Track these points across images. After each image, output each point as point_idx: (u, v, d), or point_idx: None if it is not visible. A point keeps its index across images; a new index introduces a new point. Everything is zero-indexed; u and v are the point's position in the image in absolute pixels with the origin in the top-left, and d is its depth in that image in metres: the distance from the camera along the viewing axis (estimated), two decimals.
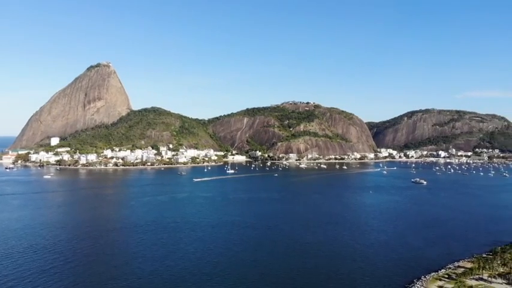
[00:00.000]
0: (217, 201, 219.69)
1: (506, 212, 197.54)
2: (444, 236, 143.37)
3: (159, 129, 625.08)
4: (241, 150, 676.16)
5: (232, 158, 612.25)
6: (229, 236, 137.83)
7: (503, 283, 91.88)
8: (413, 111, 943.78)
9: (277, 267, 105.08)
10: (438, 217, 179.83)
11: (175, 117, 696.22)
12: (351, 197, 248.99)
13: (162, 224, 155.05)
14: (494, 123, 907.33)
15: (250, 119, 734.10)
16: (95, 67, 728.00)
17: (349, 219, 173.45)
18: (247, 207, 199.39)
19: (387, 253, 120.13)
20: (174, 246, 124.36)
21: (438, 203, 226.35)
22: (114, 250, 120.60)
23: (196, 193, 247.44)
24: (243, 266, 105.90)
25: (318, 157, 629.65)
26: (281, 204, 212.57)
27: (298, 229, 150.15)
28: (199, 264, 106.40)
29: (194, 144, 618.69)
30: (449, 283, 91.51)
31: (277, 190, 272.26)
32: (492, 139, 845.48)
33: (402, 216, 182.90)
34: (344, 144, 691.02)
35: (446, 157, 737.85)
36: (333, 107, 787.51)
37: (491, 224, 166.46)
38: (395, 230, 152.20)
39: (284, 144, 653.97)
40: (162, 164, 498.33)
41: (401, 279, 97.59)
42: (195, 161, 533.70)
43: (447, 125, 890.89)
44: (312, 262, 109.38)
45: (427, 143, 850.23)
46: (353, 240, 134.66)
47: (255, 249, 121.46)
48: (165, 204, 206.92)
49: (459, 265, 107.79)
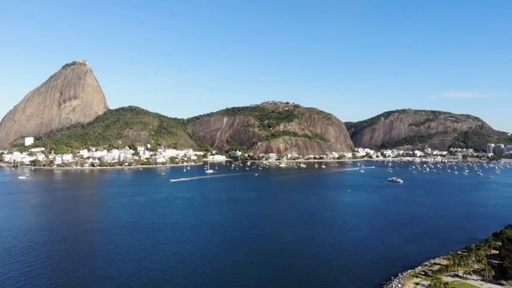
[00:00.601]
0: (197, 201, 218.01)
1: (480, 209, 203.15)
2: (420, 233, 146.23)
3: (137, 129, 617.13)
4: (221, 150, 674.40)
5: (212, 157, 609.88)
6: (209, 237, 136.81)
7: (478, 279, 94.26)
8: (390, 111, 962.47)
9: (258, 267, 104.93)
10: (414, 215, 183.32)
11: (154, 117, 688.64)
12: (330, 195, 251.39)
13: (140, 226, 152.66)
14: (469, 123, 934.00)
15: (230, 119, 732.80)
16: (70, 65, 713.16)
17: (328, 217, 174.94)
18: (227, 208, 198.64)
19: (365, 251, 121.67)
20: (152, 247, 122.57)
21: (414, 201, 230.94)
22: (91, 252, 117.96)
23: (175, 194, 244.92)
24: (223, 267, 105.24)
25: (298, 157, 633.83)
26: (261, 203, 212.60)
27: (278, 228, 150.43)
28: (178, 266, 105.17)
29: (173, 144, 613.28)
30: (425, 280, 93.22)
31: (258, 190, 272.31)
32: (466, 139, 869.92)
33: (380, 214, 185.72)
34: (323, 144, 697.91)
35: (422, 156, 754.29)
36: (311, 107, 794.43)
37: (466, 221, 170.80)
38: (373, 228, 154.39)
39: (264, 144, 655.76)
40: (139, 164, 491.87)
41: (379, 277, 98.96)
42: (174, 161, 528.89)
43: (423, 125, 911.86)
44: (292, 261, 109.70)
45: (403, 143, 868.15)
46: (332, 239, 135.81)
47: (235, 250, 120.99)
48: (143, 205, 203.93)
49: (435, 262, 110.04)
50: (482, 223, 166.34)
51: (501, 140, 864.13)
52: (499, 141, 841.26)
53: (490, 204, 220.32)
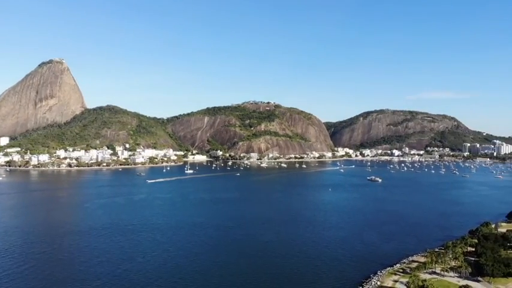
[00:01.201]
0: (177, 202, 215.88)
1: (456, 207, 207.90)
2: (399, 231, 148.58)
3: (115, 129, 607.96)
4: (202, 149, 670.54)
5: (193, 157, 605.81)
6: (189, 238, 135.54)
7: (455, 276, 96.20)
8: (369, 111, 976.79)
9: (239, 267, 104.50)
10: (393, 213, 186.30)
11: (132, 116, 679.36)
12: (310, 195, 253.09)
13: (119, 227, 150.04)
14: (445, 123, 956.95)
15: (211, 118, 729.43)
16: (47, 63, 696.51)
17: (309, 216, 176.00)
18: (208, 208, 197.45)
19: (346, 249, 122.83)
20: (132, 249, 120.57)
21: (393, 199, 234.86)
22: (69, 255, 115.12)
23: (155, 194, 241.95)
24: (204, 267, 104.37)
25: (279, 156, 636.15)
26: (243, 203, 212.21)
27: (259, 228, 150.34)
28: (158, 268, 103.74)
29: (152, 144, 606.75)
30: (404, 277, 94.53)
31: (239, 189, 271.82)
32: (443, 138, 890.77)
33: (359, 213, 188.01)
34: (303, 144, 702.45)
35: (400, 156, 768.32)
36: (292, 107, 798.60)
37: (443, 219, 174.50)
38: (353, 227, 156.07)
39: (245, 143, 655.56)
40: (118, 164, 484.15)
41: (358, 275, 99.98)
42: (153, 161, 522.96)
43: (401, 125, 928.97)
44: (274, 261, 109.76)
45: (381, 142, 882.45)
46: (313, 238, 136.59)
47: (216, 250, 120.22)
48: (122, 206, 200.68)
49: (413, 259, 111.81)
50: (458, 221, 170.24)
51: (476, 139, 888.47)
52: (474, 141, 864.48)
53: (465, 202, 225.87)
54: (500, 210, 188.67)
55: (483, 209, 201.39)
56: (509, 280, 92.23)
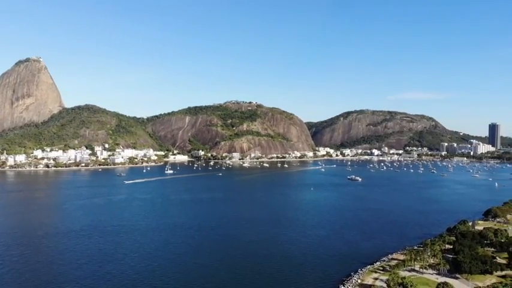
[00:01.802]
0: (158, 202, 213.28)
1: (434, 206, 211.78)
2: (379, 229, 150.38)
3: (94, 128, 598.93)
4: (183, 149, 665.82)
5: (174, 157, 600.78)
6: (170, 238, 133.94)
7: (434, 273, 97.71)
8: (349, 111, 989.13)
9: (220, 268, 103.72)
10: (373, 212, 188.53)
11: (111, 116, 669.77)
12: (292, 194, 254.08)
13: (98, 228, 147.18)
14: (423, 123, 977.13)
15: (192, 118, 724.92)
16: (24, 62, 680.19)
17: (291, 216, 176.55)
18: (189, 208, 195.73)
19: (327, 248, 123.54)
20: (111, 250, 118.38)
21: (372, 198, 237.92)
22: (46, 257, 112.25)
23: (134, 195, 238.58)
24: (185, 268, 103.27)
25: (261, 156, 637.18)
26: (225, 203, 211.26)
27: (242, 228, 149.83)
28: (138, 269, 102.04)
29: (132, 144, 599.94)
30: (384, 275, 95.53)
31: (221, 190, 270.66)
32: (421, 138, 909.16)
33: (340, 212, 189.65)
34: (285, 144, 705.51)
35: (380, 155, 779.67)
36: (274, 107, 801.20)
37: (422, 217, 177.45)
38: (334, 226, 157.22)
39: (227, 143, 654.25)
40: (97, 164, 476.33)
41: (339, 273, 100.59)
42: (133, 161, 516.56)
43: (380, 125, 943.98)
44: (256, 261, 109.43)
45: (361, 142, 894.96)
46: (295, 237, 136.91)
47: (197, 251, 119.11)
48: (102, 207, 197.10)
49: (393, 257, 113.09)
50: (437, 219, 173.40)
51: (453, 139, 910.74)
52: (451, 141, 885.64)
53: (443, 201, 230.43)
54: (477, 208, 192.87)
55: (460, 207, 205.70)
56: (487, 277, 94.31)
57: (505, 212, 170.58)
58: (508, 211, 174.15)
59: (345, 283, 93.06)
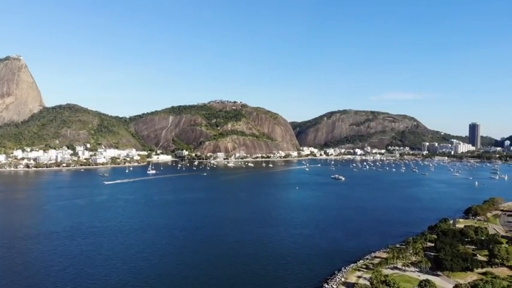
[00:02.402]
0: (141, 203, 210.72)
1: (416, 204, 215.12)
2: (362, 228, 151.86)
3: (75, 128, 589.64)
4: (166, 149, 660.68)
5: (157, 157, 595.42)
6: (154, 239, 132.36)
7: (416, 271, 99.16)
8: (333, 111, 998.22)
9: (204, 269, 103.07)
10: (356, 211, 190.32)
11: (93, 115, 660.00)
12: (277, 194, 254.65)
13: (80, 230, 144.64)
14: (405, 123, 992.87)
15: (176, 118, 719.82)
16: (3, 60, 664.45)
17: (275, 215, 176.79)
18: (173, 209, 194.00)
19: (311, 247, 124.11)
20: (94, 252, 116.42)
21: (356, 197, 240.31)
22: (28, 260, 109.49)
23: (117, 195, 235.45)
24: (168, 270, 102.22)
25: (246, 156, 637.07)
26: (209, 203, 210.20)
27: (226, 228, 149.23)
28: (121, 271, 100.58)
29: (114, 144, 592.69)
30: (367, 273, 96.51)
31: (205, 190, 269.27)
32: (403, 138, 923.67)
33: (324, 210, 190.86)
34: (270, 143, 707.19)
35: (362, 154, 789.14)
36: (259, 107, 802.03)
37: (404, 216, 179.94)
38: (318, 224, 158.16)
39: (212, 143, 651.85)
40: (78, 165, 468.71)
41: (323, 272, 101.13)
42: (116, 161, 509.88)
43: (363, 125, 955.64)
44: (240, 261, 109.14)
45: (344, 142, 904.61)
46: (279, 237, 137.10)
47: (181, 252, 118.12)
48: (83, 208, 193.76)
49: (376, 256, 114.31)
50: (418, 217, 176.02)
51: (435, 138, 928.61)
52: (433, 140, 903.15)
53: (425, 199, 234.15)
54: (457, 207, 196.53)
55: (442, 205, 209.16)
56: (468, 274, 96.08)
57: (485, 210, 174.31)
58: (488, 209, 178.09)
59: (329, 282, 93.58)
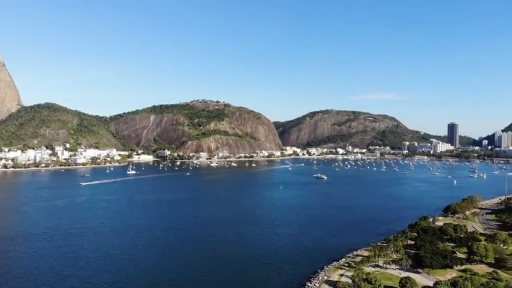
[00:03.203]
0: (122, 204, 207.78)
1: (397, 202, 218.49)
2: (344, 227, 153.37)
3: (54, 128, 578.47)
4: (148, 149, 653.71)
5: (138, 158, 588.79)
6: (135, 241, 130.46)
7: (397, 268, 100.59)
8: (315, 111, 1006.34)
9: (187, 270, 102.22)
10: (338, 209, 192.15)
11: (73, 114, 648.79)
12: (260, 193, 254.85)
13: (60, 231, 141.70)
14: (386, 123, 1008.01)
15: (157, 117, 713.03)
16: None
17: (259, 215, 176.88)
18: (155, 209, 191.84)
19: (294, 246, 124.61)
20: (74, 254, 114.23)
21: (338, 196, 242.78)
22: (5, 262, 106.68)
23: (97, 196, 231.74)
24: (150, 271, 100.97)
25: (229, 156, 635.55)
26: (192, 204, 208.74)
27: (209, 229, 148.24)
28: (102, 273, 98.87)
29: (94, 144, 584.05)
30: (349, 271, 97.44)
31: (188, 190, 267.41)
32: (384, 137, 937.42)
33: (307, 209, 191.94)
34: (253, 143, 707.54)
35: (344, 154, 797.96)
36: (242, 107, 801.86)
37: (385, 214, 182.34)
38: (301, 224, 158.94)
39: (194, 143, 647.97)
40: (58, 165, 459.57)
41: (306, 270, 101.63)
42: (96, 161, 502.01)
43: (344, 125, 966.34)
44: (223, 262, 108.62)
45: (327, 141, 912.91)
46: (263, 236, 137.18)
47: (164, 253, 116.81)
48: (63, 209, 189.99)
49: (357, 254, 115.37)
50: (399, 215, 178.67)
51: (414, 138, 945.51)
52: (412, 140, 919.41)
53: (405, 198, 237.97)
54: (437, 205, 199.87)
55: (422, 203, 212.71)
56: (447, 271, 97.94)
57: (464, 208, 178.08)
58: (466, 207, 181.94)
59: (312, 280, 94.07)
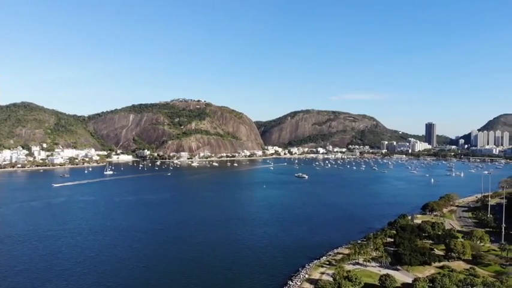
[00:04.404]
0: (101, 205, 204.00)
1: (376, 201, 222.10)
2: (325, 225, 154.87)
3: (31, 127, 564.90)
4: (127, 149, 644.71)
5: (117, 158, 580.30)
6: (114, 242, 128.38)
7: (376, 266, 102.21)
8: (296, 111, 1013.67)
9: (168, 272, 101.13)
10: (319, 208, 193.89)
11: (50, 114, 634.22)
12: (242, 193, 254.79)
13: (37, 233, 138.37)
14: (365, 122, 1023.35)
15: (136, 116, 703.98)
16: None
17: (241, 215, 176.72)
18: (135, 210, 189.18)
19: (276, 245, 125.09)
20: (52, 256, 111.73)
21: (318, 195, 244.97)
22: None
23: (76, 197, 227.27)
24: (130, 273, 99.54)
25: (210, 155, 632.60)
26: (173, 204, 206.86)
27: (190, 230, 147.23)
28: (80, 276, 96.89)
29: (72, 144, 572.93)
30: (330, 269, 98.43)
31: (169, 190, 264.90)
32: (363, 137, 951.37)
33: (288, 208, 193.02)
34: (235, 142, 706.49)
35: (324, 153, 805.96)
36: (223, 106, 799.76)
37: (365, 212, 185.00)
38: (283, 222, 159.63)
39: (175, 142, 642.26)
40: (34, 165, 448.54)
41: (287, 269, 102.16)
42: (74, 161, 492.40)
43: (325, 124, 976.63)
44: (205, 262, 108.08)
45: (307, 141, 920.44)
46: (244, 236, 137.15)
47: (144, 255, 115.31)
48: (40, 210, 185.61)
49: (338, 252, 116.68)
50: (378, 213, 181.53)
51: (393, 137, 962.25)
52: (391, 139, 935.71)
53: (384, 196, 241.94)
54: (415, 203, 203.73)
55: (400, 202, 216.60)
56: (426, 268, 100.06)
57: (441, 206, 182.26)
58: (443, 205, 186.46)
59: (293, 278, 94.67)
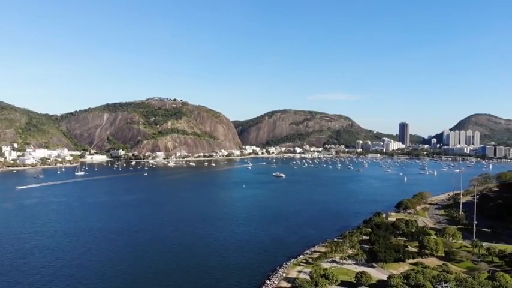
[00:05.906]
0: (74, 206, 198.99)
1: (352, 199, 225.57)
2: (302, 224, 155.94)
3: (1, 127, 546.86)
4: (101, 149, 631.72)
5: (91, 158, 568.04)
6: (88, 245, 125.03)
7: (352, 263, 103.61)
8: (274, 111, 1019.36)
9: (144, 274, 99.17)
10: (296, 207, 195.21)
11: (21, 113, 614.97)
12: (220, 193, 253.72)
13: (8, 236, 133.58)
14: (340, 122, 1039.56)
15: (111, 115, 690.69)
16: None
17: (219, 215, 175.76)
18: (110, 212, 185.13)
19: (254, 244, 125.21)
20: (23, 260, 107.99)
21: (295, 193, 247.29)
22: None
23: (48, 198, 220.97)
24: (104, 277, 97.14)
25: (187, 155, 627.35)
26: (149, 205, 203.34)
27: (167, 231, 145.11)
28: (52, 280, 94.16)
29: (44, 144, 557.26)
30: (307, 267, 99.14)
31: (145, 191, 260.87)
32: (339, 136, 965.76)
33: (265, 208, 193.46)
34: (212, 142, 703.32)
35: (301, 152, 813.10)
36: (200, 105, 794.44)
37: (341, 210, 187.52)
38: (260, 222, 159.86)
39: (150, 142, 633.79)
40: (5, 166, 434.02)
41: (265, 268, 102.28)
42: (46, 162, 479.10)
43: (302, 124, 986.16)
44: (182, 263, 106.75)
45: (285, 140, 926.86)
46: (222, 236, 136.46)
47: (119, 257, 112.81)
48: (11, 212, 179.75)
49: (315, 250, 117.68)
50: (354, 211, 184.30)
51: (368, 137, 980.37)
52: (366, 139, 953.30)
53: (360, 194, 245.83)
54: (390, 201, 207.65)
55: (375, 200, 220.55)
56: (400, 265, 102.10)
57: (415, 203, 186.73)
58: (417, 203, 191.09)
59: (271, 277, 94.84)
